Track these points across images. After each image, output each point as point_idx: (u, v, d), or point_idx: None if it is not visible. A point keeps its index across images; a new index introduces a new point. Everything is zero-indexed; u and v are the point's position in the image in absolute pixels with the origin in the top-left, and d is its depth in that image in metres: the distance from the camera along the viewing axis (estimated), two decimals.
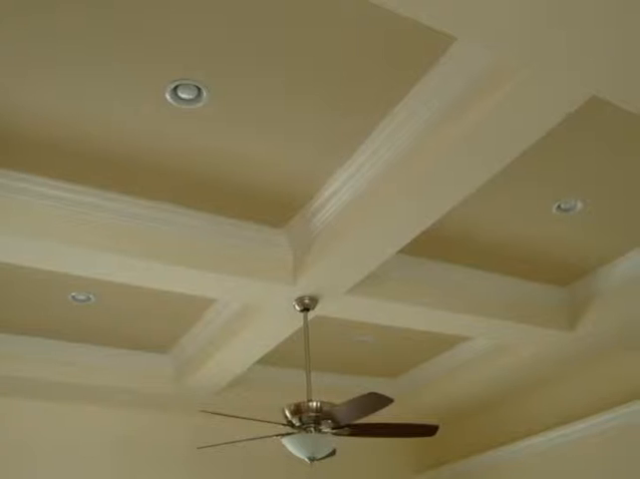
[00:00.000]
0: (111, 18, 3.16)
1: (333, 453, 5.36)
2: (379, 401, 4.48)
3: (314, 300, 5.14)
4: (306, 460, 4.76)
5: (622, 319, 5.82)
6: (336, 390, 7.31)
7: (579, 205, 4.80)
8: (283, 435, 4.80)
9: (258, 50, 3.39)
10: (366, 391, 6.17)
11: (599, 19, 2.81)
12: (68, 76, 3.49)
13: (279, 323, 5.53)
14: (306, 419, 4.74)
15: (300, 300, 5.12)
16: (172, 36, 3.28)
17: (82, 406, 6.96)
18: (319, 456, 4.77)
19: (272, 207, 4.69)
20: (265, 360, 6.76)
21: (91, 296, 5.51)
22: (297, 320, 5.44)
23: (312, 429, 4.74)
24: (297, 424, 4.77)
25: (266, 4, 3.13)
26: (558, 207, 4.82)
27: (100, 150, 4.04)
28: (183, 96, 3.65)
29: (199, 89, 3.62)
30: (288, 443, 4.72)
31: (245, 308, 5.59)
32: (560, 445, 6.99)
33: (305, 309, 5.17)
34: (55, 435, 6.76)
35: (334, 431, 4.84)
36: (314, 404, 4.73)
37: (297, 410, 4.76)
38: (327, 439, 4.74)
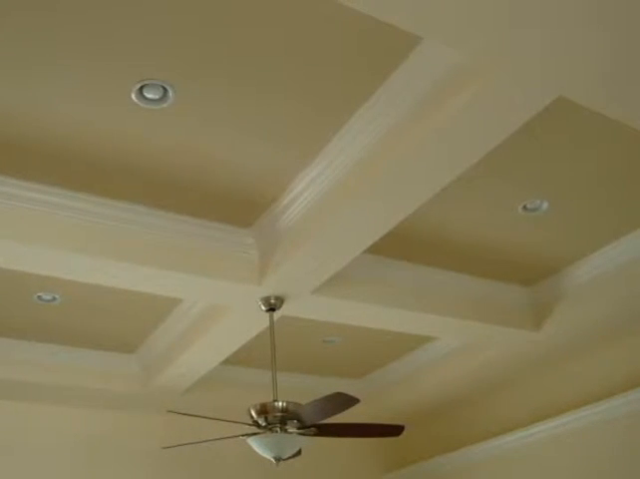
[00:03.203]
0: (75, 18, 3.13)
1: (299, 453, 5.36)
2: (345, 401, 4.49)
3: (280, 300, 5.13)
4: (272, 460, 4.76)
5: (587, 319, 5.87)
6: (302, 390, 7.32)
7: (545, 205, 4.83)
8: (249, 435, 4.80)
9: (224, 50, 3.38)
10: (332, 391, 6.17)
11: (565, 20, 2.83)
12: (32, 76, 3.45)
13: (245, 323, 5.51)
14: (272, 419, 4.74)
15: (266, 300, 5.11)
16: (138, 36, 3.26)
17: (47, 406, 6.89)
18: (285, 456, 4.76)
19: (239, 206, 4.68)
20: (231, 360, 6.75)
21: (56, 296, 5.47)
22: (263, 320, 5.43)
23: (278, 429, 4.75)
24: (263, 424, 4.77)
25: (231, 4, 3.13)
26: (524, 207, 4.84)
27: (65, 150, 4.01)
28: (149, 96, 3.63)
29: (165, 89, 3.60)
30: (254, 443, 4.71)
31: (211, 308, 5.58)
32: (528, 444, 7.02)
33: (271, 309, 5.16)
34: (21, 435, 6.69)
35: (300, 431, 4.84)
36: (280, 404, 4.73)
37: (263, 410, 4.75)
38: (293, 439, 4.73)
